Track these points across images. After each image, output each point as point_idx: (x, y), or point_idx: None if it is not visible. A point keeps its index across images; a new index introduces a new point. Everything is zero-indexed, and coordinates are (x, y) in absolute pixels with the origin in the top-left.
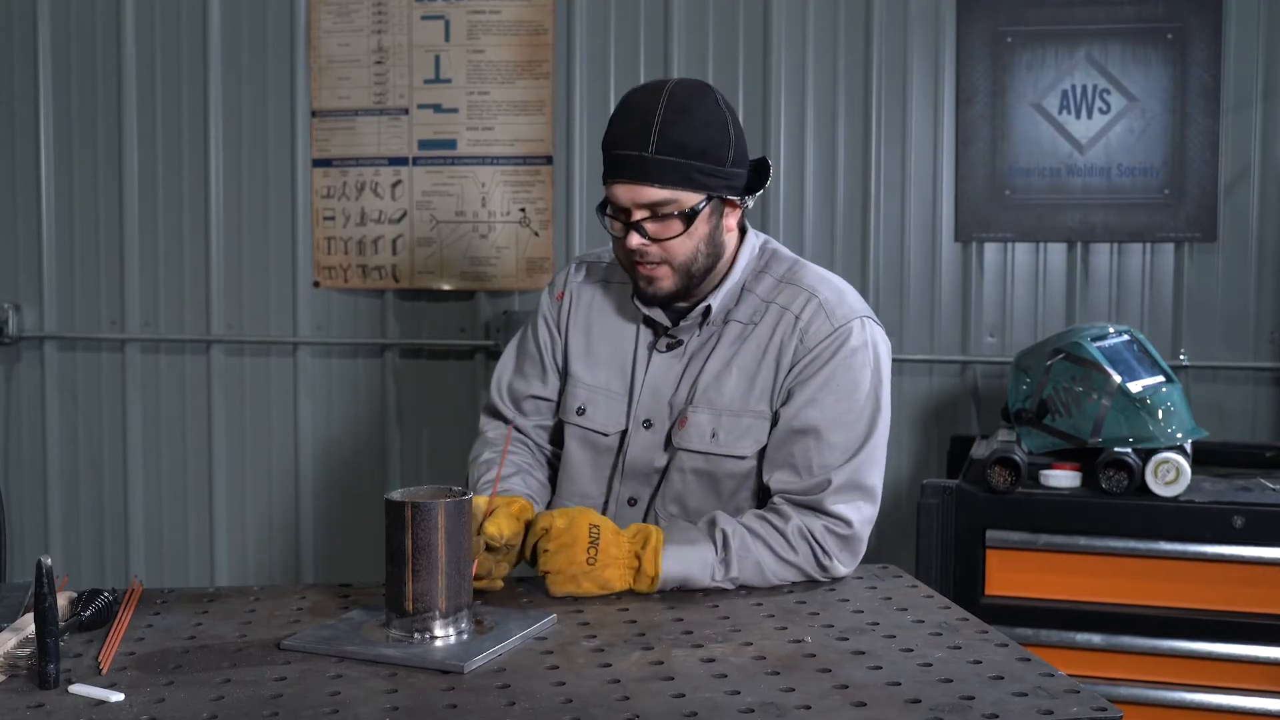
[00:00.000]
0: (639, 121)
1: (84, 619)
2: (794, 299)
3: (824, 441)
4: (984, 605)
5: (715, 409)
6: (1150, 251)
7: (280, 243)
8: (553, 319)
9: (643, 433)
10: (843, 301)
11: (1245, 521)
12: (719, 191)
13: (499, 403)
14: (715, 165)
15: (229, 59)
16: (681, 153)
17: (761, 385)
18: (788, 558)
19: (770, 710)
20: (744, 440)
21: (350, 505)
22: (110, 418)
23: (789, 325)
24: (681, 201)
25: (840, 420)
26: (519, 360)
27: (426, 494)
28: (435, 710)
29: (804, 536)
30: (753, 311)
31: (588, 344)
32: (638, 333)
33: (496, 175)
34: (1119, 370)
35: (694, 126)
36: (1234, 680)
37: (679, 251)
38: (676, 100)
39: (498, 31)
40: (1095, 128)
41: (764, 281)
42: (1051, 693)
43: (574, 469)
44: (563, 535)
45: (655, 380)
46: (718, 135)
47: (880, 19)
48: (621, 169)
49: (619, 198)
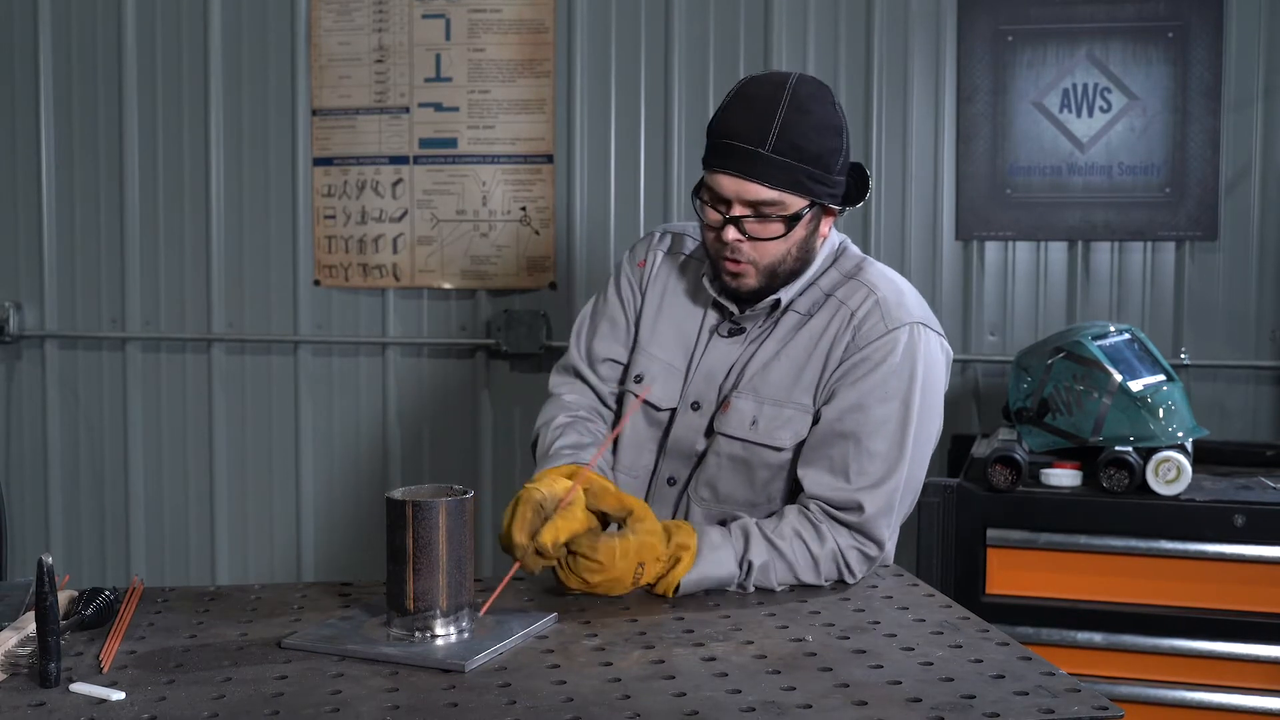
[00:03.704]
0: (759, 115)
1: (85, 618)
2: (852, 294)
3: (863, 449)
4: (984, 604)
5: (759, 397)
6: (1151, 250)
7: (281, 241)
8: (634, 284)
9: (689, 414)
10: (901, 304)
11: (1246, 520)
12: (823, 200)
13: (579, 362)
14: (825, 173)
15: (229, 57)
16: (797, 155)
17: (809, 378)
18: (808, 579)
19: (771, 709)
20: (784, 431)
21: (351, 504)
22: (111, 416)
23: (844, 320)
24: (787, 205)
25: (882, 430)
26: (596, 321)
27: (428, 493)
28: (436, 709)
29: (834, 560)
30: (811, 304)
31: (657, 317)
32: (704, 315)
33: (497, 174)
34: (1120, 369)
35: (812, 130)
36: (1234, 679)
37: (771, 253)
38: (798, 99)
39: (498, 30)
40: (1096, 126)
41: (829, 275)
42: (1053, 692)
43: (626, 438)
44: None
45: (710, 364)
46: (832, 142)
47: (881, 17)
48: (732, 160)
49: (724, 188)
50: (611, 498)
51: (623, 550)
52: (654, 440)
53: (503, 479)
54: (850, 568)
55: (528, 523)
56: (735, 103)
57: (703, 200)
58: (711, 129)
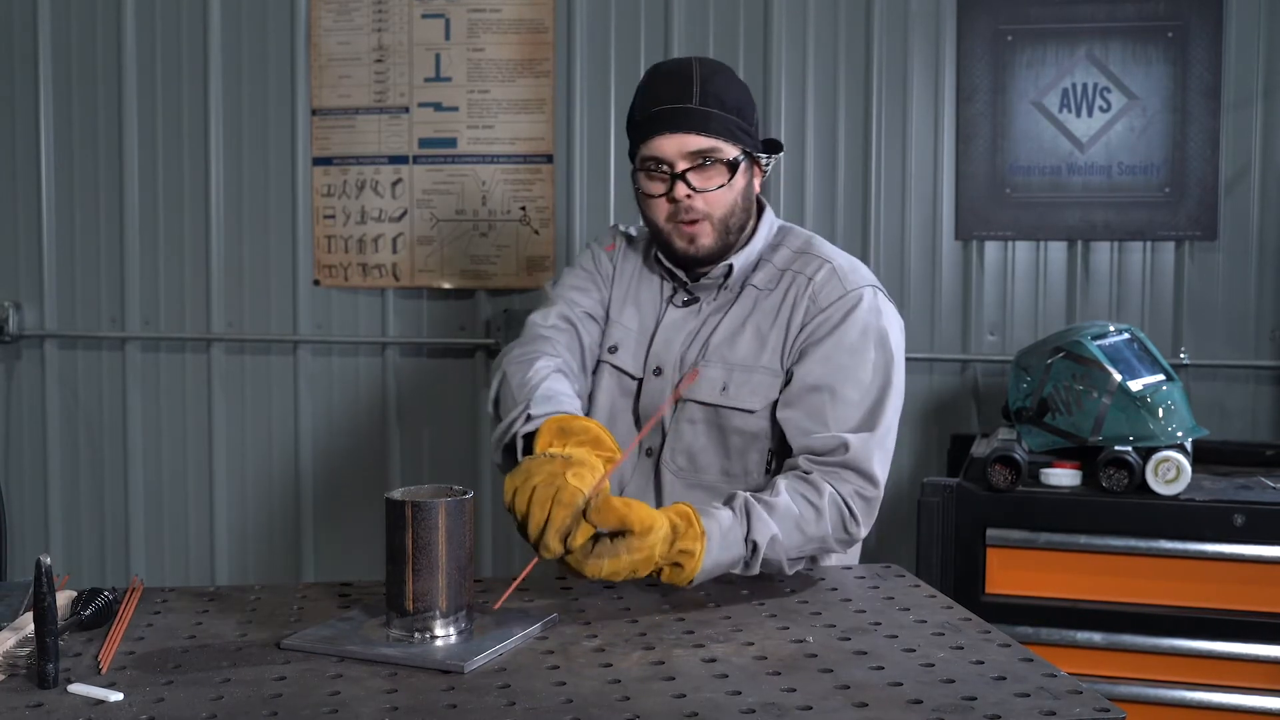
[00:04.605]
0: (679, 80)
1: (84, 618)
2: (808, 265)
3: (838, 398)
4: (984, 603)
5: (728, 364)
6: (1151, 250)
7: (281, 241)
8: (604, 260)
9: (652, 379)
10: (855, 270)
11: (1245, 520)
12: (751, 149)
13: (566, 308)
14: (748, 123)
15: (229, 57)
16: (721, 106)
17: (774, 343)
18: (814, 534)
19: (771, 710)
20: (754, 395)
21: (350, 504)
22: (111, 416)
23: (802, 287)
24: (724, 151)
25: (852, 378)
26: (573, 278)
27: (427, 493)
28: (435, 710)
29: (836, 506)
30: (769, 279)
31: (626, 294)
32: (661, 287)
33: (497, 173)
34: (1119, 368)
35: (729, 84)
36: (1234, 679)
37: (721, 203)
38: (707, 66)
39: (498, 30)
40: (1096, 126)
41: (780, 253)
42: (1054, 693)
43: (601, 408)
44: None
45: (668, 332)
46: (746, 98)
47: (881, 17)
48: (667, 122)
49: (664, 150)
50: (614, 516)
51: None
52: (628, 410)
53: (502, 479)
54: (854, 514)
55: (563, 527)
56: (652, 82)
57: (645, 177)
58: (634, 113)
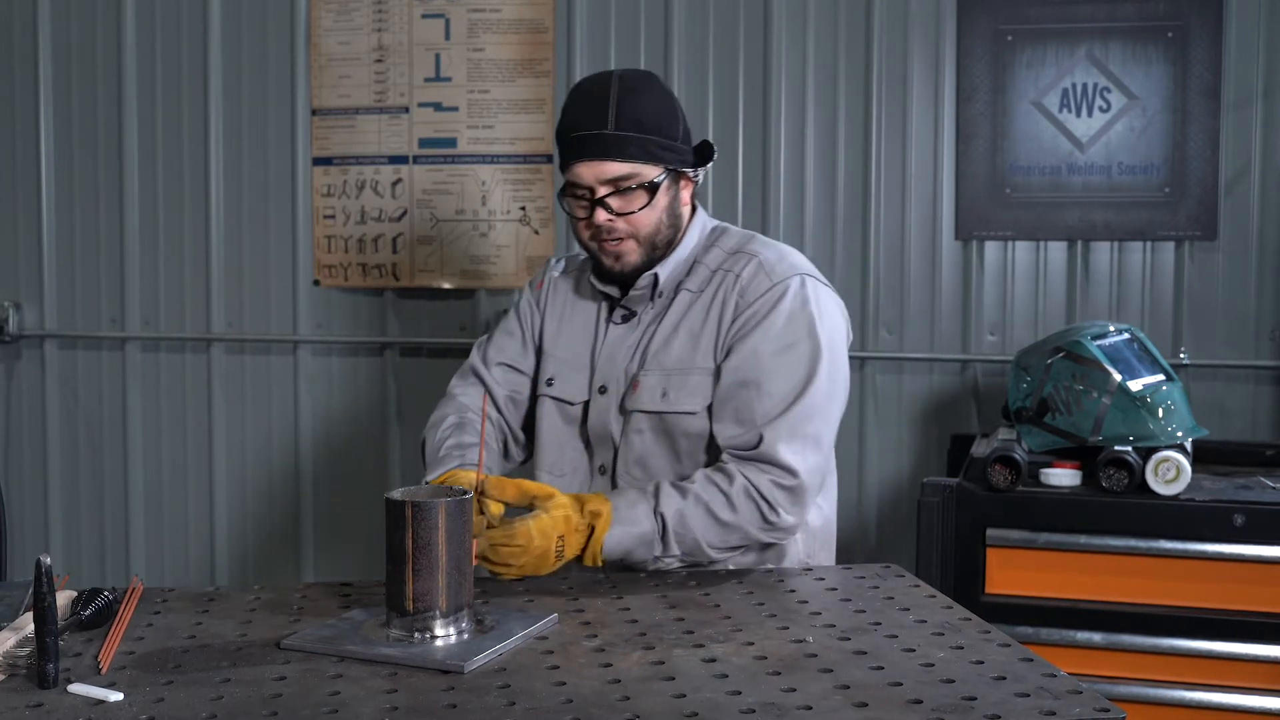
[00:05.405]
0: (596, 103)
1: (84, 618)
2: (737, 263)
3: (763, 392)
4: (984, 603)
5: (665, 370)
6: (1151, 250)
7: (280, 241)
8: (532, 302)
9: (599, 398)
10: (783, 260)
11: (1245, 520)
12: (675, 165)
13: (477, 364)
14: (669, 140)
15: (229, 57)
16: (638, 128)
17: (706, 343)
18: (728, 520)
19: (771, 711)
20: (693, 397)
21: (350, 504)
22: (111, 416)
23: (730, 284)
24: (643, 174)
25: (778, 371)
26: (497, 335)
27: (427, 493)
28: (435, 710)
29: (749, 495)
30: (701, 281)
31: (560, 326)
32: (599, 309)
33: (497, 173)
34: (1119, 368)
35: (647, 104)
36: (1234, 679)
37: (644, 224)
38: (626, 82)
39: (498, 30)
40: (1096, 126)
41: (712, 253)
42: (1054, 693)
43: (546, 439)
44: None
45: (610, 349)
46: (668, 113)
47: (880, 17)
48: (583, 149)
49: (583, 177)
50: (511, 487)
51: (539, 528)
52: (575, 435)
53: None
54: (768, 500)
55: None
56: (572, 102)
57: (569, 200)
58: (559, 133)
